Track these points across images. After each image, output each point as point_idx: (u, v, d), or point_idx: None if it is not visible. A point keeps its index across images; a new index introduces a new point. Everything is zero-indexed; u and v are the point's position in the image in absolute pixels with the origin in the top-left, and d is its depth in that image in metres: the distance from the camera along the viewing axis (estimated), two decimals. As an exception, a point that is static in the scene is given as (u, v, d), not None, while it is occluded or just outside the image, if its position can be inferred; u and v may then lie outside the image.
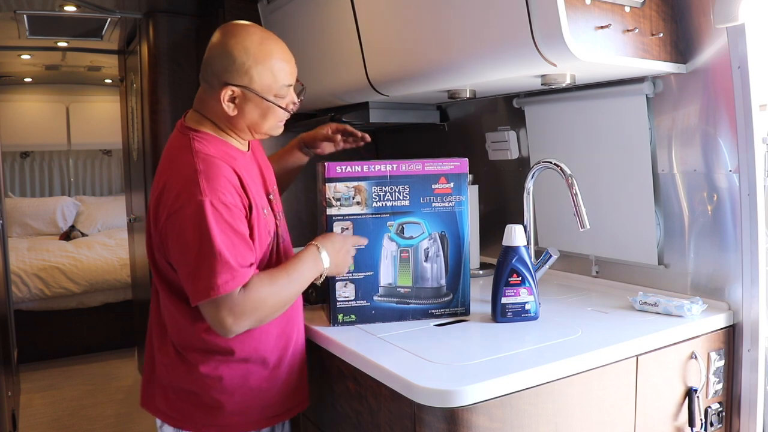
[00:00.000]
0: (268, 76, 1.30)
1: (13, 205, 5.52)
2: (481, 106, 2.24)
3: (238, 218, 1.24)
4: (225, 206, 1.22)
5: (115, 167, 6.25)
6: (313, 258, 1.34)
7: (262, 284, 1.24)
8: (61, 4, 3.01)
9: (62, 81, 5.65)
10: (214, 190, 1.21)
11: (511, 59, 1.40)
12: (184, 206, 1.21)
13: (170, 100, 2.87)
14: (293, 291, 1.32)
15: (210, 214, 1.19)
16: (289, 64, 1.34)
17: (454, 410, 1.08)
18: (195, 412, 1.34)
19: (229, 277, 1.19)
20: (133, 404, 3.47)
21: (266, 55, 1.30)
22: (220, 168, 1.25)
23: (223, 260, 1.18)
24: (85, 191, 6.18)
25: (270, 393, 1.37)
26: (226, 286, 1.18)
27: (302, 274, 1.32)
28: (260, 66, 1.29)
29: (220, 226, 1.20)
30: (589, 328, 1.39)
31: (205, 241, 1.19)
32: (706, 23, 1.47)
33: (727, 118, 1.47)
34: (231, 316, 1.21)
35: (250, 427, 1.37)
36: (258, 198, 1.33)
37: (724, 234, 1.51)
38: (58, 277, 4.28)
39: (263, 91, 1.30)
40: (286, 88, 1.34)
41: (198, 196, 1.20)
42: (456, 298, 1.51)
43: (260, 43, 1.30)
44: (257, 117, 1.33)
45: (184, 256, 1.23)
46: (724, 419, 1.49)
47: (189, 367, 1.33)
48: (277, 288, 1.27)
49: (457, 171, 1.48)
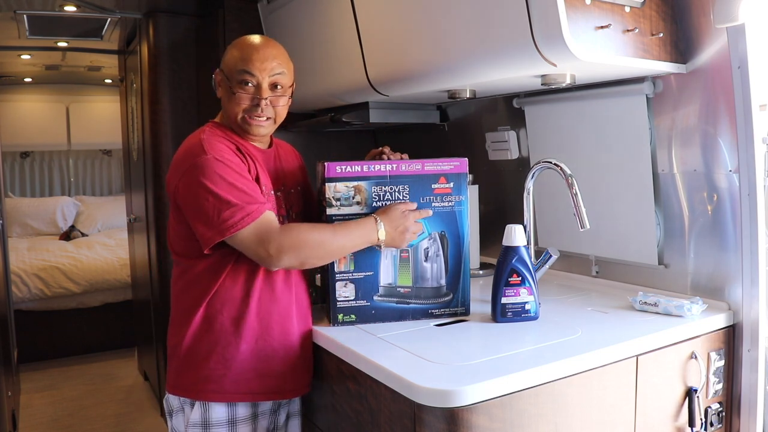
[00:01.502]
0: (231, 60, 1.43)
1: (13, 205, 5.51)
2: (481, 106, 2.24)
3: (240, 168, 1.36)
4: (227, 160, 1.34)
5: (115, 167, 6.24)
6: (367, 226, 1.41)
7: (302, 227, 1.37)
8: (61, 4, 3.01)
9: (62, 81, 5.64)
10: (215, 149, 1.35)
11: (511, 59, 1.40)
12: (189, 168, 1.34)
13: (170, 100, 2.87)
14: (337, 244, 1.38)
15: (213, 166, 1.32)
16: (255, 55, 1.41)
17: (454, 410, 1.08)
18: (187, 375, 1.41)
19: (242, 217, 1.30)
20: (133, 404, 3.48)
21: (240, 43, 1.45)
22: (222, 140, 1.40)
23: (231, 201, 1.30)
24: (85, 191, 6.18)
25: (260, 371, 1.41)
26: (236, 225, 1.30)
27: (350, 233, 1.39)
28: (233, 50, 1.45)
29: (223, 173, 1.32)
30: (589, 328, 1.39)
31: (210, 189, 1.30)
32: (706, 23, 1.47)
33: (727, 118, 1.47)
34: (272, 247, 1.31)
35: (233, 398, 1.40)
36: (263, 178, 1.42)
37: (724, 234, 1.51)
38: (58, 277, 4.28)
39: (225, 72, 1.44)
40: (249, 77, 1.41)
41: (202, 155, 1.33)
42: (456, 298, 1.51)
43: (247, 37, 1.46)
44: (225, 101, 1.45)
45: (197, 210, 1.33)
46: (724, 419, 1.49)
47: (182, 328, 1.42)
48: (317, 234, 1.36)
49: (457, 171, 1.48)
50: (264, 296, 1.40)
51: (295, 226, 1.39)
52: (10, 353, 3.25)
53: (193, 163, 1.33)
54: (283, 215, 1.48)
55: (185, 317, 1.42)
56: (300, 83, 1.56)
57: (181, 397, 1.43)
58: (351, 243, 1.40)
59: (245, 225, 1.30)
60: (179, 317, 1.44)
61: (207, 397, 1.39)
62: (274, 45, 1.46)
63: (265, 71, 1.41)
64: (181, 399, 1.43)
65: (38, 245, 4.89)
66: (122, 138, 4.09)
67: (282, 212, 1.48)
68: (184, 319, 1.42)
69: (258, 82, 1.41)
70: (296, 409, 1.54)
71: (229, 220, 1.29)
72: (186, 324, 1.41)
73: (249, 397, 1.41)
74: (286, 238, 1.32)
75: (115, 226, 5.64)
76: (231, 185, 1.31)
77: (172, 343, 1.45)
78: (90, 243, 4.98)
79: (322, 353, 1.45)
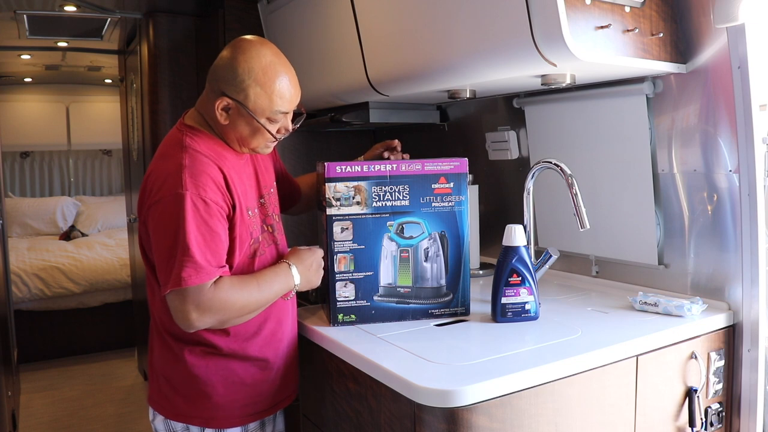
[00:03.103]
0: (264, 100, 1.31)
1: (13, 205, 5.52)
2: (481, 106, 2.24)
3: (216, 216, 1.26)
4: (204, 202, 1.24)
5: (115, 167, 6.25)
6: (284, 274, 1.37)
7: (232, 287, 1.28)
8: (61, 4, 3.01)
9: (62, 81, 5.65)
10: (196, 185, 1.25)
11: (511, 59, 1.40)
12: (165, 198, 1.25)
13: (170, 100, 2.87)
14: (261, 301, 1.34)
15: (188, 208, 1.23)
16: (289, 93, 1.34)
17: (454, 410, 1.08)
18: (182, 403, 1.37)
19: (193, 272, 1.22)
20: (133, 404, 3.48)
21: (268, 80, 1.31)
22: (204, 165, 1.28)
23: (191, 255, 1.21)
24: (85, 191, 6.18)
25: (257, 389, 1.40)
26: (189, 280, 1.21)
27: (272, 286, 1.35)
28: (259, 88, 1.30)
29: (196, 221, 1.23)
30: (589, 328, 1.39)
31: (179, 234, 1.22)
32: (706, 23, 1.47)
33: (727, 118, 1.47)
34: (196, 311, 1.23)
35: (236, 422, 1.39)
36: (244, 199, 1.36)
37: (724, 234, 1.51)
38: (58, 277, 4.28)
39: (256, 112, 1.32)
40: (281, 115, 1.35)
41: (179, 189, 1.23)
42: (456, 298, 1.51)
43: (266, 66, 1.31)
44: (246, 133, 1.35)
45: (159, 246, 1.27)
46: (724, 419, 1.49)
47: (176, 357, 1.37)
48: (246, 294, 1.30)
49: (457, 171, 1.48)
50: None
51: (223, 286, 1.26)
52: (10, 353, 3.25)
53: (174, 193, 1.24)
54: (273, 214, 1.47)
55: (185, 343, 1.35)
56: (300, 83, 1.55)
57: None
58: (273, 296, 1.36)
59: (192, 284, 1.22)
60: (176, 342, 1.36)
61: (218, 424, 1.37)
62: (289, 65, 1.36)
63: (294, 104, 1.37)
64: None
65: (38, 245, 4.89)
66: (122, 138, 4.09)
67: (269, 221, 1.45)
68: (185, 346, 1.35)
69: (286, 115, 1.36)
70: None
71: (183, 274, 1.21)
72: (187, 350, 1.35)
73: (256, 417, 1.42)
74: (215, 299, 1.24)
75: (115, 226, 5.64)
76: (202, 236, 1.23)
77: (168, 370, 1.38)
78: (90, 243, 4.98)
79: (322, 353, 1.45)
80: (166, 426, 1.41)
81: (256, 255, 1.38)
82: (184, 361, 1.35)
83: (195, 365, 1.35)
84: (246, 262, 1.36)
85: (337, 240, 1.44)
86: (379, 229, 1.45)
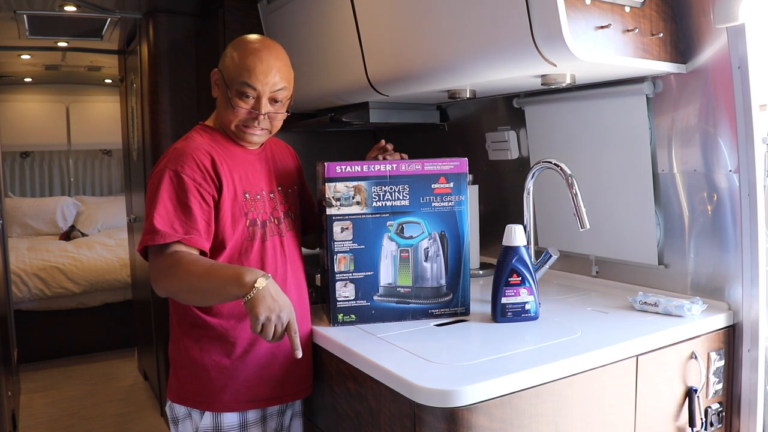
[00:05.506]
0: (233, 68, 1.38)
1: (13, 205, 5.51)
2: (481, 106, 2.24)
3: (191, 190, 1.33)
4: (179, 177, 1.33)
5: (115, 167, 6.24)
6: (246, 274, 1.22)
7: (185, 257, 1.29)
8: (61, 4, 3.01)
9: (62, 81, 5.65)
10: (177, 163, 1.34)
11: (511, 59, 1.40)
12: (153, 175, 1.37)
13: (170, 100, 2.87)
14: (204, 283, 1.26)
15: (165, 182, 1.33)
16: (257, 69, 1.36)
17: (454, 410, 1.08)
18: (180, 385, 1.42)
19: (150, 235, 1.30)
20: (133, 404, 3.48)
21: (242, 51, 1.38)
22: (193, 149, 1.37)
23: (152, 221, 1.30)
24: (85, 191, 6.18)
25: (254, 376, 1.40)
26: (144, 241, 1.31)
27: (221, 276, 1.25)
28: (235, 54, 1.39)
29: (168, 193, 1.32)
30: (589, 328, 1.39)
31: (152, 204, 1.32)
32: (706, 23, 1.47)
33: (727, 118, 1.47)
34: (153, 272, 1.32)
35: (233, 408, 1.40)
36: (240, 183, 1.40)
37: (724, 234, 1.51)
38: (58, 277, 4.28)
39: (226, 80, 1.39)
40: (250, 91, 1.37)
41: (162, 167, 1.35)
42: (456, 298, 1.51)
43: (249, 42, 1.40)
44: (222, 108, 1.42)
45: (147, 208, 1.36)
46: (724, 419, 1.49)
47: (177, 339, 1.43)
48: (193, 267, 1.27)
49: (457, 171, 1.48)
50: None
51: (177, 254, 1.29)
52: (10, 353, 3.25)
53: (158, 170, 1.36)
54: (284, 211, 1.49)
55: (184, 325, 1.41)
56: (300, 83, 1.56)
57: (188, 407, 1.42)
58: (220, 285, 1.24)
59: (146, 243, 1.31)
60: (178, 325, 1.44)
61: (215, 407, 1.39)
62: (276, 54, 1.40)
63: (267, 85, 1.37)
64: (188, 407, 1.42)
65: (38, 245, 4.89)
66: (122, 138, 4.09)
67: (283, 209, 1.48)
68: (184, 328, 1.41)
69: (258, 95, 1.38)
70: (298, 409, 1.54)
71: (143, 236, 1.32)
72: (185, 333, 1.41)
73: (254, 405, 1.42)
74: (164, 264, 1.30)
75: (115, 226, 5.64)
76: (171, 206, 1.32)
77: (173, 353, 1.45)
78: (90, 243, 4.98)
79: (322, 353, 1.45)
80: (171, 411, 1.45)
81: (255, 238, 1.41)
82: (183, 343, 1.41)
83: (190, 347, 1.40)
84: (245, 244, 1.40)
85: (337, 240, 1.44)
86: (379, 229, 1.45)
